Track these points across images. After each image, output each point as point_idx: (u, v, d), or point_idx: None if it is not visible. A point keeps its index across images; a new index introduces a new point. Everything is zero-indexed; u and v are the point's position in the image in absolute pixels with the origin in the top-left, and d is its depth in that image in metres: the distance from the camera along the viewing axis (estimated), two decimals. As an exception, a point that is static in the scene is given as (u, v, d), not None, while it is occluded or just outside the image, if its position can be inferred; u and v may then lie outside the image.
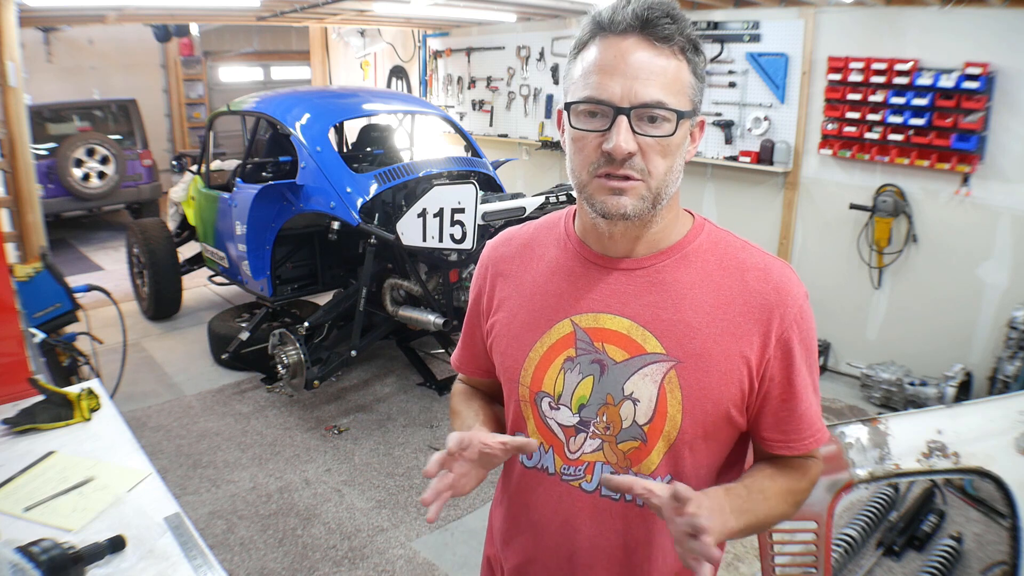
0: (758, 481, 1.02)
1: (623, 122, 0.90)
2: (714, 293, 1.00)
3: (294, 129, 4.09)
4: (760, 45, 4.53)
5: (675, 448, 0.99)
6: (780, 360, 0.99)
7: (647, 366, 0.99)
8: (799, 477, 1.05)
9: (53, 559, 1.15)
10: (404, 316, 4.03)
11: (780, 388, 1.00)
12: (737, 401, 0.99)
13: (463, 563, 2.88)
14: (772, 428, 1.03)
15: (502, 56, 6.41)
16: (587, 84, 0.93)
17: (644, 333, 1.00)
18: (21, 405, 1.76)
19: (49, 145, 7.41)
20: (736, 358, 0.98)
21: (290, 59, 11.42)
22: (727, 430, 1.02)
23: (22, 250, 3.75)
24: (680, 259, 1.02)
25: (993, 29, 3.57)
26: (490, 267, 1.18)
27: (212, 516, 3.12)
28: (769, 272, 1.00)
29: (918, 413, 1.90)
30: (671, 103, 0.91)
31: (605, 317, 1.02)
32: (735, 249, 1.03)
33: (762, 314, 0.98)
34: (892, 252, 4.16)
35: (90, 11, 4.94)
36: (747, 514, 0.96)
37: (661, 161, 0.93)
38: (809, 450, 1.04)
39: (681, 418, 0.98)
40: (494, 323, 1.14)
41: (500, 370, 1.14)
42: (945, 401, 3.68)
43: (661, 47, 0.91)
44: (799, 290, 1.01)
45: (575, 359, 1.03)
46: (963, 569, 2.76)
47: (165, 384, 4.48)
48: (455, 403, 1.27)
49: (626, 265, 1.03)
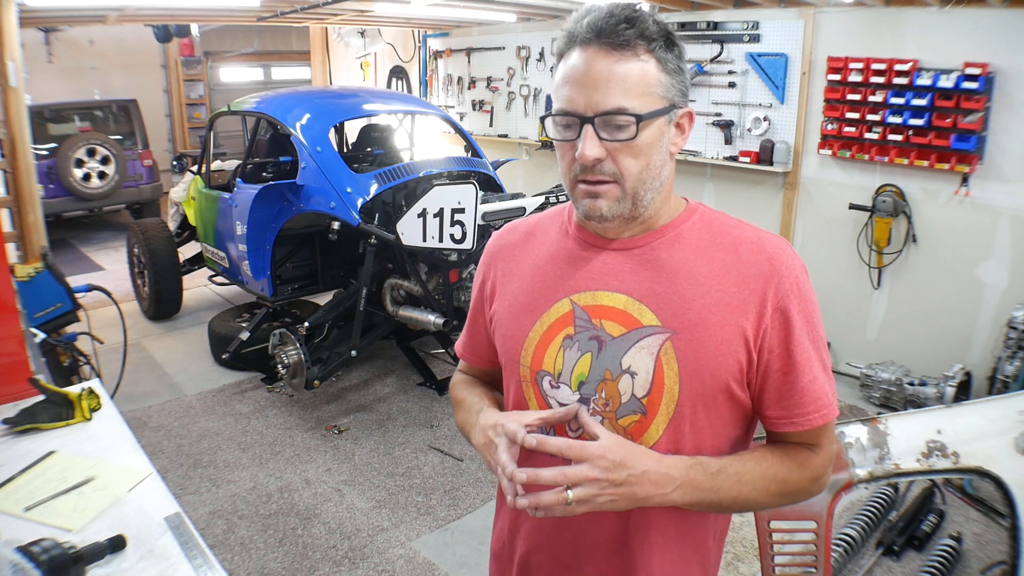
0: (741, 462, 1.00)
1: (588, 131, 0.95)
2: (708, 266, 1.01)
3: (294, 129, 4.09)
4: (760, 45, 4.53)
5: (675, 421, 1.00)
6: (778, 331, 0.99)
7: (644, 339, 1.00)
8: (795, 467, 1.03)
9: (53, 559, 1.15)
10: (404, 316, 4.03)
11: (780, 361, 1.00)
12: (735, 373, 0.99)
13: (463, 563, 2.88)
14: (774, 404, 1.02)
15: (502, 56, 6.41)
16: (559, 96, 0.99)
17: (640, 307, 1.01)
18: (21, 405, 1.76)
19: (50, 145, 7.42)
20: (732, 329, 0.98)
21: (290, 59, 11.42)
22: (727, 404, 1.02)
23: (23, 250, 3.75)
24: (674, 237, 1.05)
25: (993, 29, 3.57)
26: (494, 256, 1.21)
27: (212, 516, 3.13)
28: (763, 244, 1.02)
29: (918, 413, 1.90)
30: (631, 107, 0.94)
31: (603, 294, 1.04)
32: (728, 227, 1.06)
33: (757, 284, 0.99)
34: (892, 252, 4.16)
35: (90, 11, 4.94)
36: (705, 491, 0.96)
37: (632, 162, 0.97)
38: (814, 425, 1.01)
39: (679, 389, 0.99)
40: (496, 310, 1.17)
41: (501, 351, 1.16)
42: (945, 401, 3.68)
43: (621, 52, 0.94)
44: (795, 262, 1.01)
45: (574, 336, 1.05)
46: (963, 569, 2.76)
47: (165, 384, 4.48)
48: (457, 392, 1.27)
49: (621, 245, 1.06)
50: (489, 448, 1.02)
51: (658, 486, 0.93)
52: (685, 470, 0.96)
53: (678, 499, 0.95)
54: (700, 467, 0.97)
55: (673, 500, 0.95)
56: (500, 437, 0.98)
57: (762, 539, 1.68)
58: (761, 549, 1.70)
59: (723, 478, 0.97)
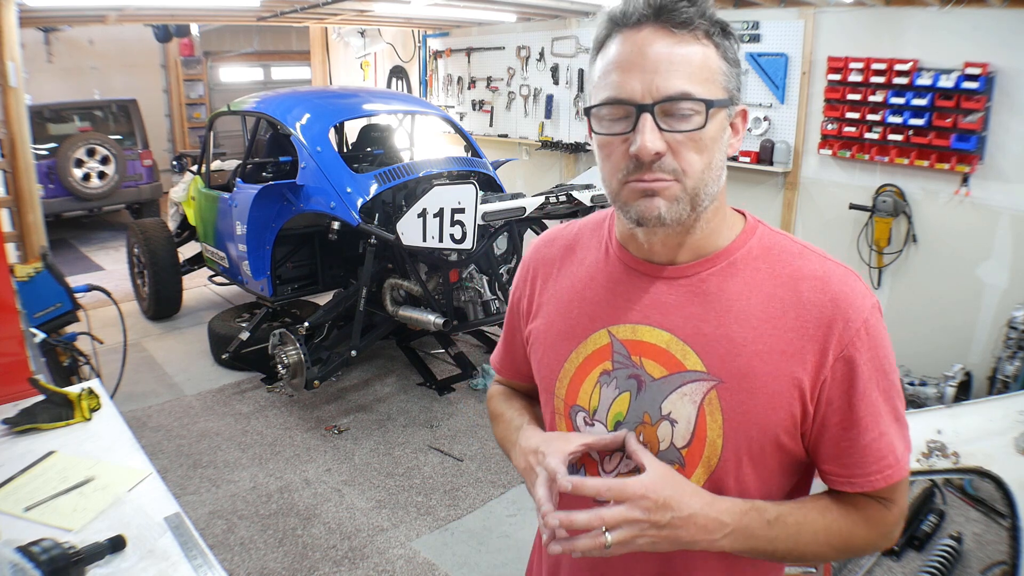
0: (803, 511, 0.90)
1: (647, 120, 0.83)
2: (763, 306, 0.89)
3: (294, 129, 4.09)
4: (760, 45, 4.53)
5: (716, 475, 0.90)
6: (840, 382, 0.87)
7: (686, 384, 0.90)
8: (862, 522, 0.91)
9: (53, 559, 1.15)
10: (404, 316, 4.03)
11: (840, 415, 0.88)
12: (788, 427, 0.89)
13: (463, 563, 2.88)
14: (831, 460, 0.91)
15: (502, 56, 6.41)
16: (606, 84, 0.86)
17: (684, 348, 0.91)
18: (21, 405, 1.76)
19: (49, 145, 7.41)
20: (786, 379, 0.87)
21: (290, 59, 11.42)
22: (777, 456, 0.91)
23: (22, 250, 3.76)
24: (727, 267, 0.93)
25: (993, 29, 3.56)
26: (531, 270, 1.11)
27: (212, 516, 3.13)
28: (828, 281, 0.89)
29: (918, 413, 1.90)
30: (698, 92, 0.83)
31: (644, 329, 0.94)
32: (790, 255, 0.92)
33: (818, 330, 0.87)
34: (892, 252, 4.16)
35: (90, 11, 4.94)
36: (758, 540, 0.87)
37: (696, 158, 0.85)
38: (875, 487, 0.90)
39: (722, 443, 0.89)
40: (532, 329, 1.08)
41: (537, 378, 1.08)
42: (945, 401, 3.67)
43: (681, 33, 0.83)
44: (864, 301, 0.88)
45: (611, 372, 0.96)
46: (963, 569, 2.76)
47: (165, 384, 4.48)
48: (495, 405, 1.21)
49: (668, 273, 0.94)
50: (529, 475, 0.95)
51: (706, 531, 0.84)
52: (739, 516, 0.86)
53: (727, 546, 0.86)
54: (756, 513, 0.87)
55: (722, 547, 0.86)
56: (540, 468, 0.91)
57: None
58: (761, 549, 1.69)
59: (780, 527, 0.88)
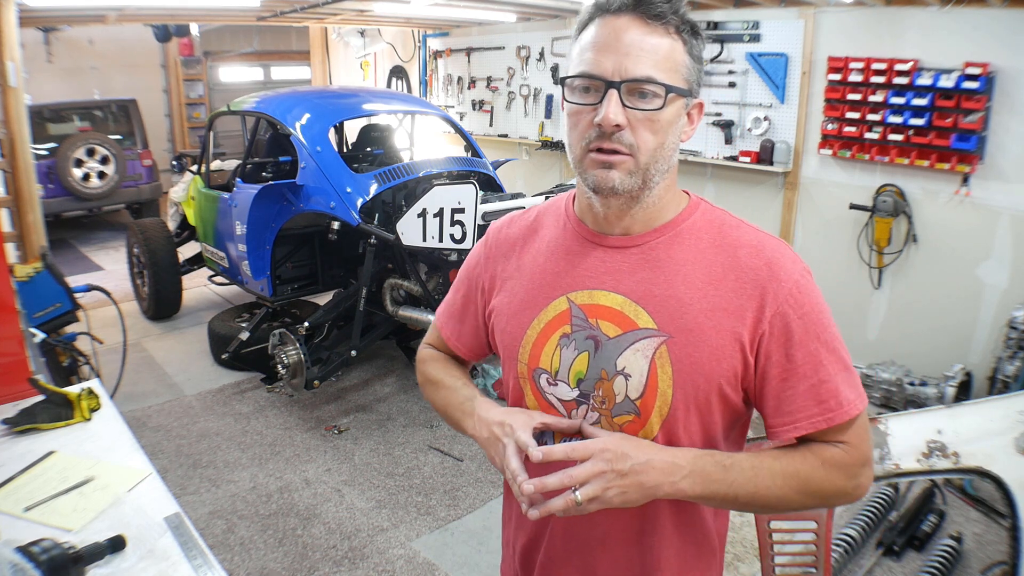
0: (758, 457, 0.98)
1: (613, 95, 0.94)
2: (706, 269, 1.01)
3: (294, 129, 4.09)
4: (760, 45, 4.53)
5: (668, 423, 1.00)
6: (778, 337, 0.98)
7: (639, 341, 1.00)
8: (817, 464, 0.98)
9: (53, 559, 1.15)
10: (404, 316, 4.03)
11: (779, 367, 0.98)
12: (729, 377, 0.99)
13: (463, 563, 2.88)
14: (776, 412, 1.00)
15: (502, 56, 6.41)
16: (582, 60, 0.97)
17: (637, 309, 1.02)
18: (21, 405, 1.76)
19: (49, 145, 7.40)
20: (728, 334, 0.98)
21: (290, 59, 11.41)
22: (720, 407, 1.01)
23: (22, 250, 3.75)
24: (673, 236, 1.04)
25: (993, 29, 3.56)
26: (493, 247, 1.20)
27: (212, 516, 3.13)
28: (762, 248, 1.01)
29: (918, 413, 1.90)
30: (661, 78, 0.94)
31: (599, 293, 1.04)
32: (728, 227, 1.04)
33: (755, 290, 0.98)
34: (892, 252, 4.16)
35: (90, 11, 4.94)
36: (717, 483, 0.95)
37: (651, 137, 0.96)
38: (818, 428, 0.97)
39: (672, 393, 0.99)
40: (496, 305, 1.17)
41: (500, 347, 1.16)
42: (945, 401, 3.67)
43: (654, 25, 0.95)
44: (794, 266, 1.00)
45: (571, 335, 1.05)
46: (963, 569, 2.76)
47: (165, 384, 4.48)
48: (431, 370, 1.27)
49: (620, 242, 1.05)
50: (495, 446, 1.02)
51: (666, 474, 0.93)
52: (693, 459, 0.95)
53: (688, 488, 0.94)
54: (710, 457, 0.96)
55: (683, 489, 0.94)
56: (508, 439, 0.99)
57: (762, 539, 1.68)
58: (761, 549, 1.70)
59: (737, 471, 0.96)
